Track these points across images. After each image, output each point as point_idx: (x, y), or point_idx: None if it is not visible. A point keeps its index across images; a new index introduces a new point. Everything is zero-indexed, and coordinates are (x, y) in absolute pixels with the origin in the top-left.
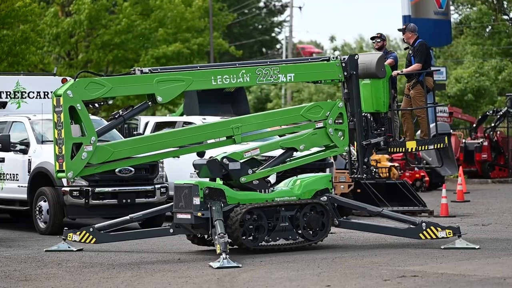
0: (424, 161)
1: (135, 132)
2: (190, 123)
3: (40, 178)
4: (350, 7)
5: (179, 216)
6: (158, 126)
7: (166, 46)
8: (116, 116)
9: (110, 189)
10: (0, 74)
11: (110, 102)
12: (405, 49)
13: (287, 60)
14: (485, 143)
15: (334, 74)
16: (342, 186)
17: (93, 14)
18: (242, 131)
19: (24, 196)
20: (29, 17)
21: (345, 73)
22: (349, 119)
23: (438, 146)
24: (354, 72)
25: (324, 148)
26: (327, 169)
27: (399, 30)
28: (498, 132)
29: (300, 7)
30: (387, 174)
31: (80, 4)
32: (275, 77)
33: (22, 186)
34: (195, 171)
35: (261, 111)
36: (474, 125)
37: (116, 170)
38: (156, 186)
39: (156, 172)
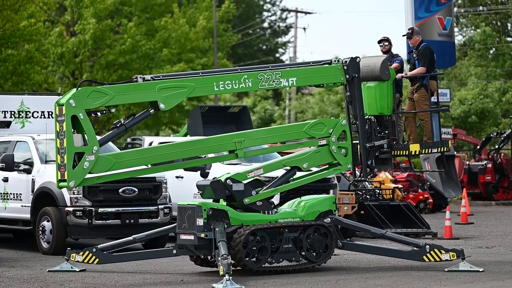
0: (428, 183)
1: None
2: None
3: (43, 198)
4: (354, 28)
5: (182, 237)
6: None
7: (170, 66)
8: (118, 125)
9: (113, 209)
10: (5, 93)
11: (113, 110)
12: (409, 53)
13: (288, 64)
14: (489, 165)
15: (336, 78)
16: (345, 208)
17: (97, 34)
18: (245, 145)
19: (27, 216)
20: (34, 36)
21: (347, 76)
22: (352, 122)
23: (442, 150)
24: (356, 75)
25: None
26: (331, 191)
27: (404, 35)
28: (502, 154)
29: (304, 28)
30: (391, 195)
31: (85, 24)
32: (277, 81)
33: (25, 206)
34: (198, 192)
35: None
36: (478, 147)
37: (120, 190)
38: (160, 206)
39: (160, 193)
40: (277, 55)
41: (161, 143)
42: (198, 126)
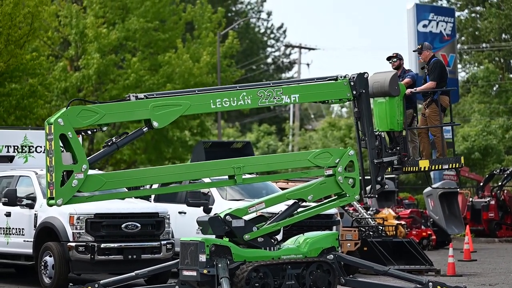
0: (431, 220)
1: (141, 188)
2: (197, 179)
3: (45, 233)
4: (358, 64)
5: (185, 273)
6: (163, 185)
7: None
8: (109, 144)
9: (116, 244)
10: (8, 128)
11: (105, 129)
12: (422, 68)
13: (291, 81)
14: (492, 202)
15: (342, 94)
16: (348, 244)
17: (101, 69)
18: (244, 171)
19: (29, 250)
20: (37, 70)
21: (354, 92)
22: (361, 138)
23: (453, 166)
24: (364, 91)
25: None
26: (334, 227)
27: (414, 51)
28: (505, 191)
29: (308, 64)
30: (394, 232)
31: (89, 59)
32: (278, 98)
33: (27, 241)
34: (199, 228)
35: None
36: (481, 184)
37: (122, 225)
38: (162, 242)
39: (162, 228)
40: None
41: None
42: (201, 161)
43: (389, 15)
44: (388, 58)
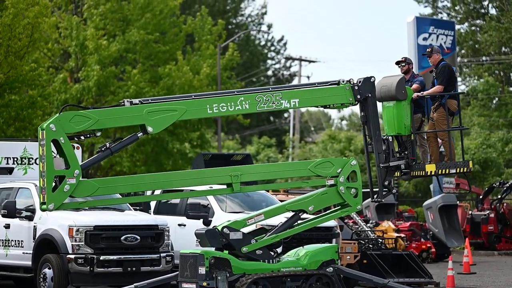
0: (431, 232)
1: None
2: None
3: (45, 245)
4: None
5: (185, 285)
6: (164, 192)
7: None
8: (103, 149)
9: (115, 257)
10: (8, 140)
11: (98, 134)
12: (431, 72)
13: (292, 86)
14: (492, 215)
15: (343, 98)
16: (348, 257)
17: (101, 80)
18: (241, 179)
19: (28, 263)
20: (37, 81)
21: (358, 96)
22: (368, 142)
23: (461, 170)
24: (370, 95)
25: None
26: (333, 240)
27: (424, 54)
28: (505, 204)
29: (308, 77)
30: (393, 245)
31: (89, 71)
32: (277, 103)
33: (26, 253)
34: (197, 240)
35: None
36: (481, 197)
37: (122, 238)
38: (162, 254)
39: (162, 241)
40: None
41: (164, 191)
42: None
43: (390, 28)
44: (397, 63)
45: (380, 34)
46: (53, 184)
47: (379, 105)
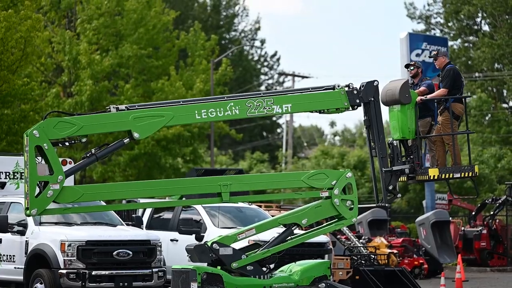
0: (423, 248)
1: (134, 215)
2: (189, 206)
3: (37, 260)
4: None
5: None
6: (157, 209)
7: (167, 129)
8: (88, 155)
9: (107, 272)
10: (0, 154)
11: (84, 140)
12: (438, 75)
13: (285, 91)
14: (484, 231)
15: (338, 103)
16: (340, 273)
17: (94, 95)
18: (231, 189)
19: (20, 277)
20: (29, 95)
21: (357, 101)
22: (372, 147)
23: (466, 175)
24: (372, 99)
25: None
26: (326, 256)
27: (430, 57)
28: (497, 220)
29: None
30: (386, 261)
31: (81, 85)
32: (269, 108)
33: (18, 268)
34: (187, 255)
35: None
36: (473, 213)
37: (114, 253)
38: (154, 269)
39: (154, 256)
40: (274, 118)
41: None
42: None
43: (383, 44)
44: (406, 66)
45: (374, 50)
46: (38, 190)
47: (386, 109)
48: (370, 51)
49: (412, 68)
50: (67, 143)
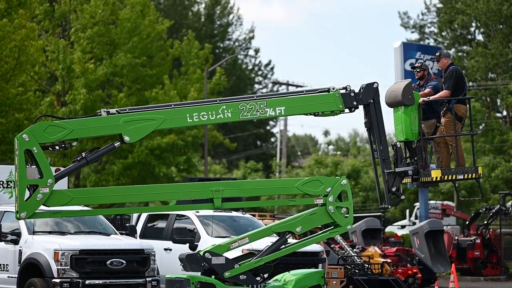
0: (417, 258)
1: (127, 224)
2: (183, 215)
3: (30, 269)
4: None
5: None
6: (151, 218)
7: (160, 138)
8: (78, 159)
9: (101, 281)
10: None
11: (74, 144)
12: (441, 77)
13: (279, 94)
14: (478, 241)
15: (333, 105)
16: (334, 282)
17: (88, 104)
18: (223, 195)
19: (13, 287)
20: (24, 105)
21: (354, 103)
22: (374, 149)
23: (469, 176)
24: (372, 101)
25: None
26: (320, 265)
27: (432, 58)
28: (491, 230)
29: None
30: (380, 270)
31: (75, 94)
32: (262, 111)
33: (12, 277)
34: (181, 265)
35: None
36: (467, 222)
37: (107, 262)
38: (148, 279)
39: (148, 265)
40: (268, 127)
41: (150, 215)
42: (187, 202)
43: (377, 53)
44: (413, 68)
45: (368, 59)
46: (28, 193)
47: (388, 111)
48: (364, 60)
49: (418, 70)
50: (57, 147)
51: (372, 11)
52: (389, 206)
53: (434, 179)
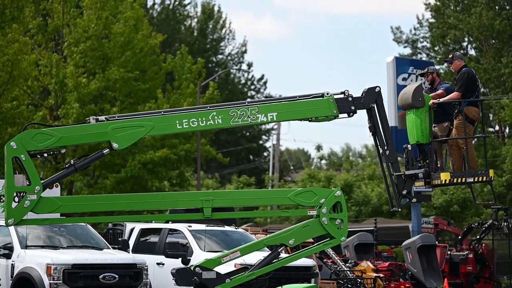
0: (409, 272)
1: (120, 239)
2: (175, 230)
3: (22, 284)
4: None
5: None
6: (144, 232)
7: (153, 152)
8: (67, 166)
9: None
10: None
11: (63, 151)
12: (454, 79)
13: (271, 99)
14: (470, 255)
15: (326, 111)
16: None
17: (81, 118)
18: (213, 205)
19: None
20: (17, 119)
21: (353, 107)
22: (381, 153)
23: (480, 179)
24: (374, 105)
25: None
26: (312, 279)
27: (445, 60)
28: (484, 245)
29: None
30: (372, 285)
31: (68, 109)
32: (253, 117)
33: None
34: (173, 279)
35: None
36: (460, 237)
37: (100, 276)
38: None
39: (140, 280)
40: (260, 142)
41: (142, 229)
42: (179, 211)
43: (369, 68)
44: (421, 75)
45: (360, 73)
46: (16, 200)
47: (392, 114)
48: (357, 75)
49: (426, 75)
50: (45, 154)
51: (364, 25)
52: (399, 210)
53: (443, 182)
